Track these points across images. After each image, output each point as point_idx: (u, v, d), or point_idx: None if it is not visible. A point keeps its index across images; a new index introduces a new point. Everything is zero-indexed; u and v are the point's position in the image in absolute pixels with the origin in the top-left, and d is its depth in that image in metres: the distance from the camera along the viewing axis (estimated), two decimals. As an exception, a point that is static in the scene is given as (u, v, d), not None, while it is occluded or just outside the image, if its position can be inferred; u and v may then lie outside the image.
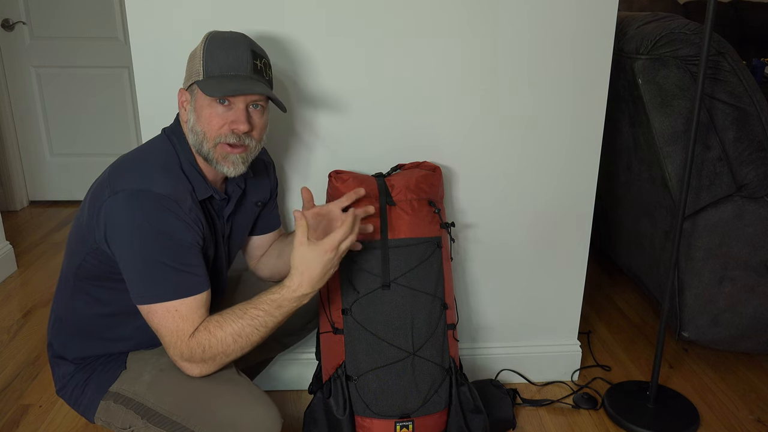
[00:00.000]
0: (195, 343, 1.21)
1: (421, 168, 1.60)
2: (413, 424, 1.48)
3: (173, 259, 1.19)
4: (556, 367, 1.95)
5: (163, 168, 1.24)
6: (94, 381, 1.32)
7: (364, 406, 1.47)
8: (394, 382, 1.46)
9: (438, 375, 1.50)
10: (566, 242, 1.83)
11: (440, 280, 1.51)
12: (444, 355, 1.51)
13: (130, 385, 1.29)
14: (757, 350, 1.94)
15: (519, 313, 1.90)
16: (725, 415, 1.81)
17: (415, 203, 1.50)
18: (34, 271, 2.71)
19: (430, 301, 1.49)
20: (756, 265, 1.79)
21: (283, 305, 1.24)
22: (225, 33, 1.28)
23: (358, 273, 1.47)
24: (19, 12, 3.25)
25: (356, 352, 1.47)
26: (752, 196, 1.75)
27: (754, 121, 1.69)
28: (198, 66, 1.24)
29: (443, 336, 1.51)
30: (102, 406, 1.31)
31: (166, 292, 1.20)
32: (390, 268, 1.46)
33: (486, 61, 1.64)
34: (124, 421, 1.28)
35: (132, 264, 1.20)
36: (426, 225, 1.51)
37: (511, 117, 1.69)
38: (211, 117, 1.24)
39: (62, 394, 1.36)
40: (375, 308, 1.46)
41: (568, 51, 1.65)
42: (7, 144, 3.37)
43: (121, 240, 1.19)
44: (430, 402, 1.49)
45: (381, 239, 1.46)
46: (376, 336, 1.46)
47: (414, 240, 1.48)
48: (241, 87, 1.22)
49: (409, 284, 1.47)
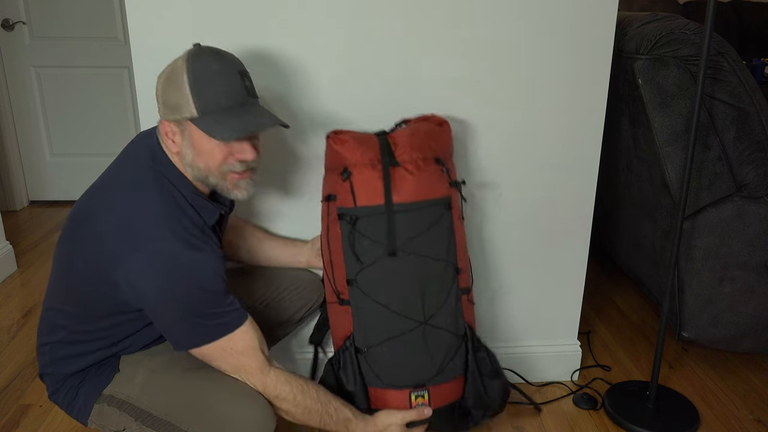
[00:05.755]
0: (270, 383, 1.26)
1: (428, 122, 1.48)
2: (428, 393, 1.42)
3: (210, 306, 1.20)
4: (556, 367, 1.95)
5: (174, 213, 1.19)
6: (86, 384, 1.31)
7: (375, 378, 1.42)
8: (405, 352, 1.40)
9: (452, 342, 1.43)
10: (566, 242, 1.83)
11: (451, 243, 1.41)
12: (458, 322, 1.43)
13: (123, 388, 1.29)
14: (757, 350, 1.94)
15: (519, 313, 1.90)
16: (725, 415, 1.81)
17: (421, 162, 1.39)
18: (34, 271, 2.71)
19: (442, 268, 1.40)
20: (756, 265, 1.79)
21: (349, 428, 1.36)
22: (207, 58, 1.18)
23: (362, 241, 1.38)
24: (19, 12, 3.25)
25: (364, 323, 1.40)
26: (752, 196, 1.75)
27: (754, 121, 1.69)
28: (185, 101, 1.17)
29: (456, 302, 1.43)
30: (96, 409, 1.30)
31: (209, 335, 1.21)
32: (396, 235, 1.37)
33: (486, 61, 1.64)
34: (118, 424, 1.28)
35: (167, 321, 1.21)
36: (433, 185, 1.39)
37: (510, 117, 1.69)
38: (213, 152, 1.19)
39: (55, 398, 1.34)
40: (381, 278, 1.38)
41: (568, 51, 1.65)
42: (7, 144, 3.37)
43: (152, 301, 1.18)
44: (446, 370, 1.43)
45: (385, 204, 1.36)
46: (384, 307, 1.38)
47: (421, 203, 1.37)
48: (248, 124, 1.18)
49: (417, 251, 1.37)
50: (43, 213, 3.42)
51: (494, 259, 1.83)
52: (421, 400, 1.43)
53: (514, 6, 1.59)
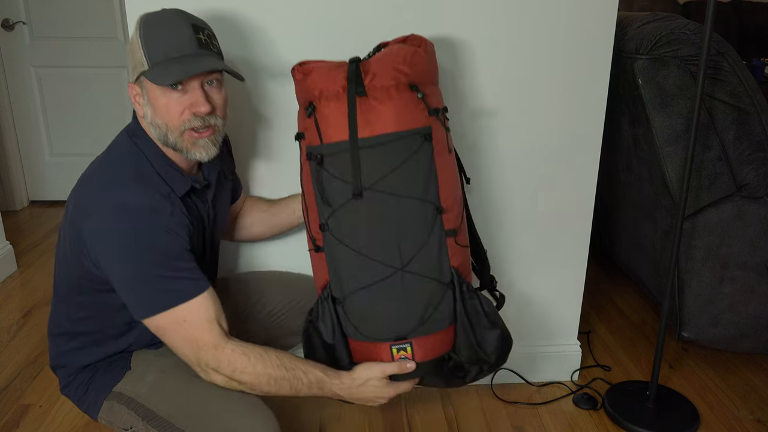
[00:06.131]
0: (225, 358, 1.20)
1: (406, 43, 1.32)
2: (411, 345, 1.30)
3: (163, 268, 1.17)
4: (556, 367, 1.95)
5: (133, 177, 1.19)
6: (98, 380, 1.32)
7: (354, 330, 1.31)
8: (383, 302, 1.28)
9: (436, 291, 1.28)
10: (566, 242, 1.83)
11: (431, 179, 1.25)
12: (442, 268, 1.28)
13: (134, 386, 1.29)
14: (757, 350, 1.94)
15: (519, 313, 1.90)
16: (725, 415, 1.81)
17: (393, 90, 1.23)
18: (34, 271, 2.71)
19: (418, 207, 1.25)
20: (756, 265, 1.79)
21: (323, 389, 1.28)
22: (159, 13, 1.20)
23: (331, 182, 1.25)
24: (19, 12, 3.25)
25: (338, 270, 1.29)
26: (752, 196, 1.75)
27: (754, 121, 1.69)
28: (140, 55, 1.17)
29: (439, 245, 1.27)
30: (105, 405, 1.31)
31: (163, 300, 1.17)
32: (364, 173, 1.23)
33: (485, 61, 1.64)
34: (126, 422, 1.28)
35: (124, 283, 1.18)
36: (407, 115, 1.23)
37: (509, 117, 1.69)
38: (168, 106, 1.18)
39: (66, 392, 1.36)
40: (352, 221, 1.25)
41: (568, 51, 1.64)
42: (7, 144, 3.37)
43: (109, 262, 1.17)
44: (430, 321, 1.29)
45: (350, 139, 1.22)
46: (357, 252, 1.26)
47: (391, 135, 1.22)
48: (191, 67, 1.15)
49: (389, 189, 1.24)
50: (43, 213, 3.42)
51: (494, 259, 1.83)
52: (404, 354, 1.30)
53: (514, 6, 1.59)
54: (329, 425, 1.77)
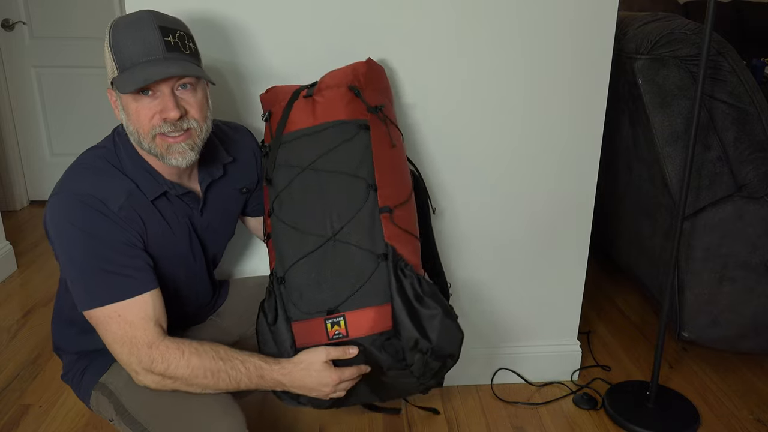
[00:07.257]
0: (159, 355, 1.18)
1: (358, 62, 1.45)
2: (345, 319, 1.28)
3: (103, 260, 1.16)
4: (555, 367, 1.95)
5: (95, 169, 1.21)
6: (90, 370, 1.34)
7: (293, 308, 1.31)
8: (316, 273, 1.30)
9: (368, 261, 1.29)
10: (566, 242, 1.83)
11: (365, 160, 1.33)
12: (375, 239, 1.30)
13: (114, 379, 1.30)
14: (757, 350, 1.94)
15: (518, 313, 1.90)
16: (725, 415, 1.81)
17: (335, 89, 1.37)
18: (34, 271, 2.71)
19: (348, 181, 1.32)
20: (756, 265, 1.79)
21: (264, 377, 1.24)
22: (128, 16, 1.16)
23: (279, 170, 1.37)
24: (19, 12, 3.25)
25: (280, 248, 1.34)
26: (752, 196, 1.75)
27: (754, 121, 1.69)
28: (110, 62, 1.15)
29: (372, 219, 1.31)
30: (93, 395, 1.33)
31: (100, 295, 1.16)
32: (303, 155, 1.34)
33: (484, 61, 1.64)
34: (108, 413, 1.30)
35: (65, 268, 1.18)
36: (342, 107, 1.36)
37: (510, 117, 1.69)
38: (138, 111, 1.16)
39: (66, 379, 1.39)
40: (291, 200, 1.34)
41: (568, 51, 1.64)
42: (7, 144, 3.37)
43: (53, 244, 1.18)
44: (361, 292, 1.28)
45: (276, 130, 1.38)
46: (293, 227, 1.33)
47: (331, 123, 1.35)
48: (152, 73, 1.11)
49: (322, 167, 1.33)
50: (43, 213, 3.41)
51: (494, 259, 1.83)
52: (338, 329, 1.28)
53: (514, 6, 1.59)
54: (329, 427, 1.77)
